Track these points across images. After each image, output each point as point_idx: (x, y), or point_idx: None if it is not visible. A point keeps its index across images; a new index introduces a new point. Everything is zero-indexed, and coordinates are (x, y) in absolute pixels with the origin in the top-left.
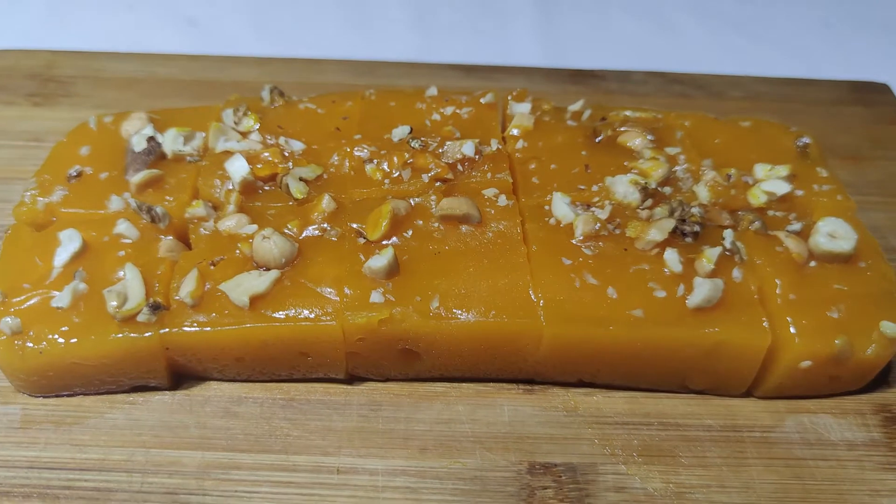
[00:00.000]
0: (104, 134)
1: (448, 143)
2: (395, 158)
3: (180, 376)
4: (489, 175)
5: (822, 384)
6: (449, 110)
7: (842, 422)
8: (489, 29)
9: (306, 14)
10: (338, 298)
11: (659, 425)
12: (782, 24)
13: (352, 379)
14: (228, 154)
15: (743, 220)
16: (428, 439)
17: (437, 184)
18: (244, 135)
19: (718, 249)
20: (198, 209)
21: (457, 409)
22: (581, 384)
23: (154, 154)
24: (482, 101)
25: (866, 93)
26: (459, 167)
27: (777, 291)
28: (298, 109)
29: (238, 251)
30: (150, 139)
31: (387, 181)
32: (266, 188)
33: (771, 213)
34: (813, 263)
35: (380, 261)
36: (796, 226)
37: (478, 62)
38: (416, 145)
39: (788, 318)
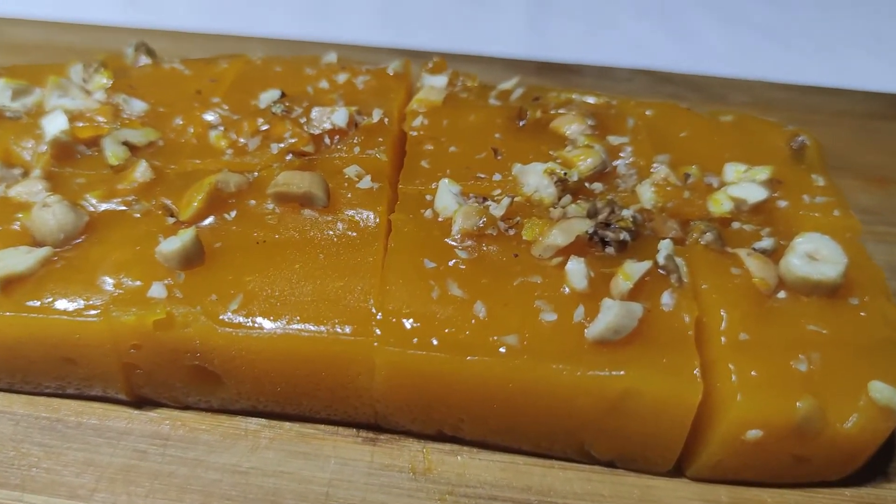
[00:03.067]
0: None
1: (315, 109)
2: (246, 125)
3: None
4: (357, 150)
5: (782, 467)
6: (342, 78)
7: None
8: (474, 15)
9: None
10: (112, 289)
11: None
12: (815, 29)
13: (140, 402)
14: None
15: (693, 230)
16: (213, 492)
17: (289, 157)
18: (90, 94)
19: (646, 265)
20: None
21: (265, 456)
22: (443, 437)
23: None
24: (389, 70)
25: None
26: (327, 140)
27: (722, 327)
28: (163, 70)
29: (18, 223)
30: None
31: (229, 151)
32: (88, 153)
33: (736, 225)
34: (782, 294)
35: (173, 243)
36: (766, 242)
37: (450, 49)
38: (278, 110)
39: (731, 366)
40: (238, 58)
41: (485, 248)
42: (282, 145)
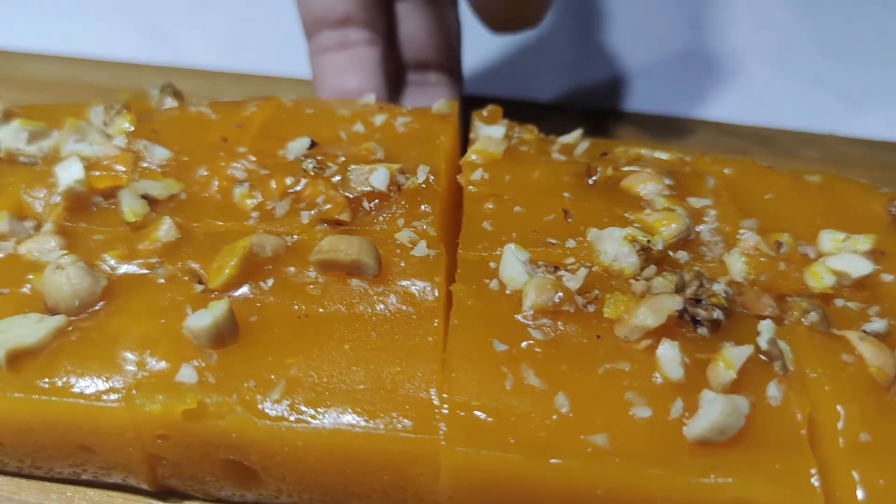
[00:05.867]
0: None
1: (352, 167)
2: (274, 184)
3: None
4: (401, 222)
5: None
6: (379, 120)
7: None
8: (515, 59)
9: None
10: (135, 369)
11: None
12: (883, 84)
13: (166, 493)
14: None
15: (793, 308)
16: None
17: (323, 226)
18: (110, 138)
19: (748, 350)
20: None
21: None
22: None
23: None
24: (435, 109)
25: None
26: (366, 204)
27: (839, 426)
28: (188, 114)
29: (28, 285)
30: None
31: (255, 214)
32: (105, 205)
33: (840, 302)
34: None
35: (203, 318)
36: (877, 324)
37: (488, 92)
38: (309, 167)
39: (855, 474)
40: (268, 101)
41: (562, 328)
42: (313, 212)
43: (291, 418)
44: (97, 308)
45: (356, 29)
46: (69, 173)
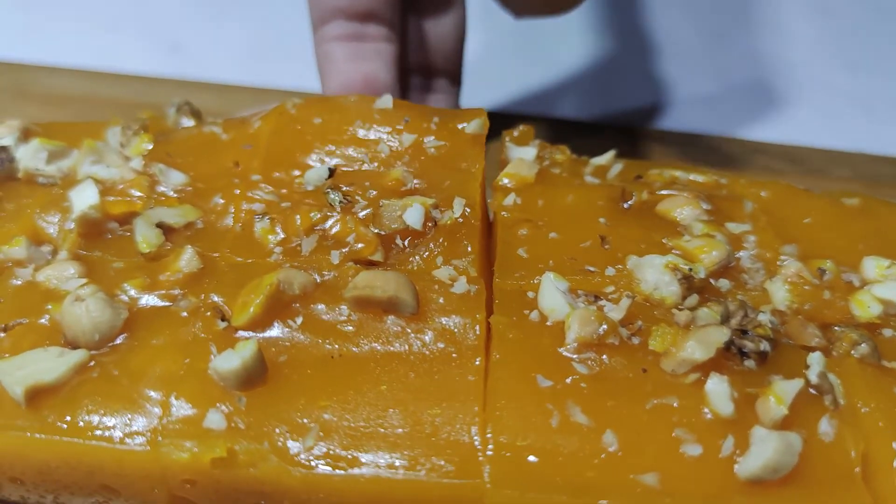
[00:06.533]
0: None
1: (383, 202)
2: (299, 219)
3: None
4: (440, 260)
5: None
6: (408, 139)
7: None
8: (538, 75)
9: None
10: (160, 411)
11: None
12: None
13: None
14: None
15: (842, 339)
16: None
17: (350, 264)
18: (127, 160)
19: (798, 384)
20: (15, 249)
21: None
22: None
23: (2, 168)
24: (463, 128)
25: None
26: (399, 241)
27: (895, 464)
28: (203, 135)
29: (47, 316)
30: (1, 150)
31: (278, 250)
32: (120, 231)
33: (889, 332)
34: None
35: (230, 360)
36: None
37: (502, 108)
38: (336, 201)
39: None
40: (272, 112)
41: (606, 361)
42: (343, 250)
43: (327, 466)
44: (118, 342)
45: (376, 25)
46: (84, 198)
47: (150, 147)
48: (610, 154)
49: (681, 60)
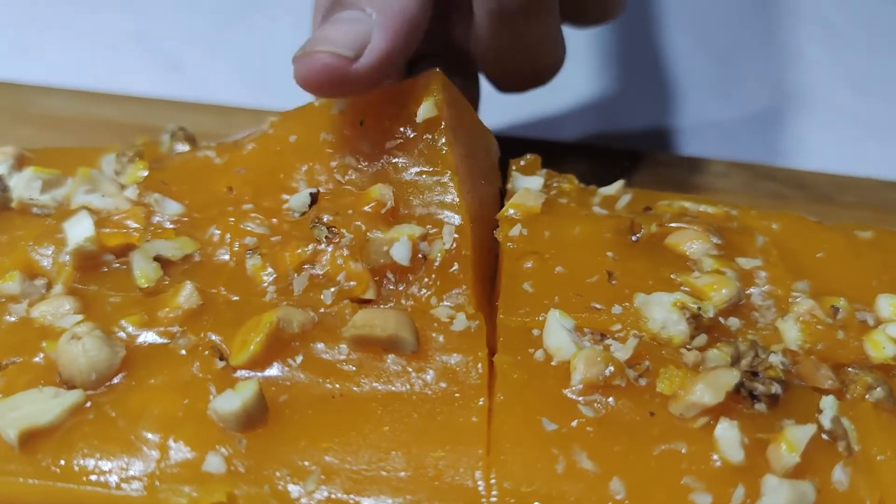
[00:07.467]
0: None
1: (369, 236)
2: (288, 257)
3: None
4: (434, 300)
5: None
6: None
7: None
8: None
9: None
10: (157, 454)
11: None
12: None
13: None
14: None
15: (855, 382)
16: None
17: (345, 302)
18: (122, 188)
19: (810, 429)
20: (8, 284)
21: None
22: None
23: None
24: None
25: None
26: (389, 275)
27: None
28: (197, 161)
29: (42, 354)
30: None
31: (271, 289)
32: (116, 264)
33: None
34: None
35: (231, 401)
36: None
37: (507, 131)
38: (321, 236)
39: None
40: (260, 134)
41: (613, 404)
42: (333, 289)
43: None
44: (115, 381)
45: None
46: (79, 230)
47: (146, 174)
48: (619, 184)
49: (688, 85)
